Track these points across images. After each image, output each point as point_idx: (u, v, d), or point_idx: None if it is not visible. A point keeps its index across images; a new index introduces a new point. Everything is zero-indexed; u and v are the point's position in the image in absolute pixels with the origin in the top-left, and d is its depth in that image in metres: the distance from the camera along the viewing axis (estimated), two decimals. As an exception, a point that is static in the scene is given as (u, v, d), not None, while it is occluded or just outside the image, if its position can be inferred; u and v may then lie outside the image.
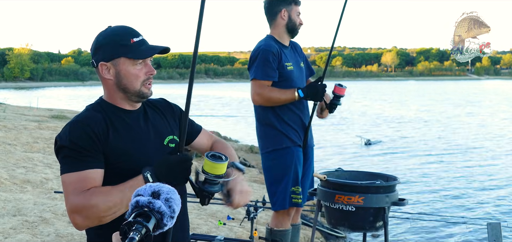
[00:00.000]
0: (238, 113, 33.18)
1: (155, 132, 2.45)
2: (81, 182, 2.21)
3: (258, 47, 4.59)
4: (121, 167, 2.29)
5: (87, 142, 2.24)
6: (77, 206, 2.17)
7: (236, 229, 6.55)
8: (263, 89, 4.48)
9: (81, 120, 2.31)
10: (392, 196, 3.82)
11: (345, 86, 4.69)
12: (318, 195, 4.02)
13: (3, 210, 6.61)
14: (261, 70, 4.48)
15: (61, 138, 2.29)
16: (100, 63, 2.35)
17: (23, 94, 58.70)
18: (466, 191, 11.32)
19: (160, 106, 2.58)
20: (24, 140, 12.03)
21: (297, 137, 4.61)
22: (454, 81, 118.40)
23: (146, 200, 1.45)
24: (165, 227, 1.47)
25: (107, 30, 2.40)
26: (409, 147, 18.13)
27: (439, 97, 52.00)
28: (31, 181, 8.31)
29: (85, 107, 2.44)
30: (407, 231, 8.27)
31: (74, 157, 2.24)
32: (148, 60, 2.39)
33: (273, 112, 4.56)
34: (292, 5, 4.60)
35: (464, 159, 15.53)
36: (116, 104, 2.41)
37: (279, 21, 4.62)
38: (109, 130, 2.31)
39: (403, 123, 26.43)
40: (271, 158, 4.60)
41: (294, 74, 4.61)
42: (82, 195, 2.18)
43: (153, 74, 2.40)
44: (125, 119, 2.39)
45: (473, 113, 32.55)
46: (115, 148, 2.30)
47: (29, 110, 23.59)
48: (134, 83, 2.36)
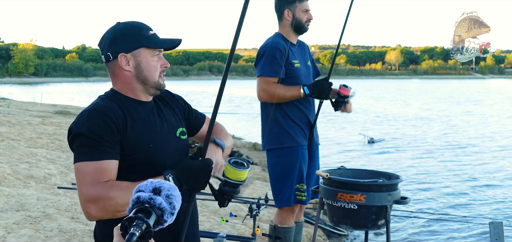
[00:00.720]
0: (241, 110, 33.18)
1: (168, 124, 2.47)
2: (98, 172, 2.19)
3: (265, 44, 4.61)
4: (136, 158, 2.29)
5: (106, 131, 2.22)
6: (94, 196, 2.16)
7: (239, 226, 6.56)
8: (269, 86, 4.50)
9: (99, 109, 2.28)
10: (394, 194, 3.83)
11: (350, 87, 4.71)
12: (320, 193, 4.04)
13: (6, 205, 6.63)
14: (268, 67, 4.50)
15: (78, 125, 2.25)
16: (120, 55, 2.34)
17: (27, 89, 58.77)
18: (468, 190, 11.31)
19: (167, 98, 2.58)
20: (28, 135, 12.06)
21: (303, 135, 4.62)
22: (458, 80, 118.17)
23: (147, 196, 1.47)
24: (166, 223, 1.48)
25: (121, 24, 2.41)
26: (412, 145, 18.11)
27: (443, 95, 51.92)
28: (34, 176, 8.33)
29: (99, 97, 2.42)
30: (409, 230, 8.27)
31: (92, 146, 2.21)
32: (162, 53, 2.42)
33: (279, 109, 4.57)
34: (296, 3, 4.60)
35: (466, 158, 15.51)
36: (131, 96, 2.40)
37: (285, 21, 4.64)
38: (127, 120, 2.30)
39: (406, 121, 26.40)
40: (276, 155, 4.62)
41: (301, 72, 4.63)
42: (99, 186, 2.17)
43: (167, 66, 2.43)
44: (140, 111, 2.39)
45: (476, 111, 32.49)
46: (132, 139, 2.29)
47: (33, 106, 23.63)
48: (154, 74, 2.38)
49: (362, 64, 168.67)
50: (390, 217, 3.85)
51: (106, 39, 2.38)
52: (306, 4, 4.63)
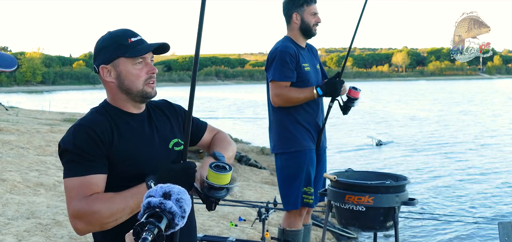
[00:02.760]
0: (248, 114, 33.20)
1: (160, 135, 2.44)
2: (83, 187, 2.19)
3: (275, 48, 4.61)
4: (126, 171, 2.28)
5: (90, 146, 2.22)
6: (79, 212, 2.16)
7: (248, 230, 6.58)
8: (282, 90, 4.50)
9: (84, 123, 2.28)
10: (402, 196, 3.84)
11: (359, 90, 4.71)
12: (328, 195, 4.05)
13: (17, 213, 6.68)
14: (279, 71, 4.50)
15: (64, 141, 2.27)
16: (101, 67, 2.36)
17: (35, 97, 59.00)
18: (477, 191, 11.29)
19: (164, 108, 2.56)
20: (37, 143, 12.11)
21: (311, 139, 4.62)
22: (465, 81, 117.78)
23: (158, 201, 1.49)
24: (177, 227, 1.50)
25: (104, 35, 2.41)
26: (420, 147, 18.09)
27: (450, 96, 51.75)
28: (44, 184, 8.38)
29: (90, 110, 2.43)
30: (417, 231, 8.27)
31: (78, 161, 2.22)
32: (149, 59, 2.37)
33: (287, 113, 4.57)
34: (304, 6, 4.60)
35: (475, 159, 15.47)
36: (120, 107, 2.39)
37: (293, 25, 4.65)
38: (113, 133, 2.29)
39: (414, 123, 26.35)
40: (284, 159, 4.63)
41: (311, 75, 4.63)
42: (84, 200, 2.16)
43: (154, 72, 2.37)
44: (130, 123, 2.37)
45: (483, 112, 32.37)
46: (120, 152, 2.28)
47: (42, 114, 23.72)
48: (136, 83, 2.34)
49: (369, 67, 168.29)
50: (398, 218, 3.86)
51: (94, 51, 2.41)
52: (314, 7, 4.64)
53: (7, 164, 9.28)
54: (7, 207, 6.88)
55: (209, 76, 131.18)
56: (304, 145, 4.57)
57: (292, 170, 4.57)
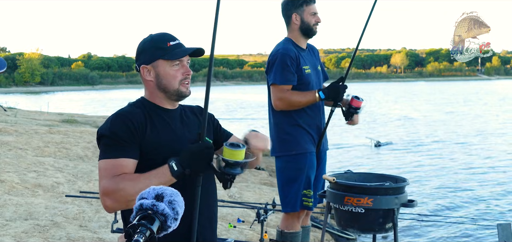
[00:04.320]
0: (247, 115, 33.20)
1: (189, 130, 2.67)
2: (114, 168, 2.43)
3: (276, 51, 4.57)
4: (155, 160, 2.47)
5: (125, 133, 2.47)
6: (107, 189, 2.38)
7: (246, 232, 6.57)
8: (284, 94, 4.47)
9: (122, 113, 2.55)
10: (402, 197, 3.83)
11: (362, 99, 4.69)
12: (327, 197, 4.04)
13: (14, 214, 6.66)
14: (280, 74, 4.47)
15: (103, 128, 2.53)
16: (141, 67, 2.62)
17: (34, 98, 58.99)
18: (476, 192, 11.28)
19: (197, 112, 2.81)
20: (35, 144, 12.09)
21: (311, 142, 4.60)
22: (464, 82, 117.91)
23: (150, 203, 1.49)
24: (169, 229, 1.50)
25: (148, 37, 2.66)
26: (419, 148, 18.10)
27: (449, 97, 51.80)
28: (42, 185, 8.36)
29: (128, 104, 2.66)
30: (416, 232, 8.26)
31: (111, 145, 2.47)
32: (185, 61, 2.64)
33: (288, 115, 4.55)
34: (303, 6, 4.57)
35: (474, 160, 15.48)
36: (156, 103, 2.64)
37: (293, 25, 4.62)
38: (147, 124, 2.53)
39: (413, 124, 26.37)
40: (284, 161, 4.61)
41: (312, 78, 4.60)
42: (113, 179, 2.39)
43: (189, 74, 2.64)
44: (164, 117, 2.62)
45: (482, 113, 32.40)
46: (151, 142, 2.51)
47: (40, 115, 23.69)
48: (172, 83, 2.60)
49: (368, 68, 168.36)
50: (397, 220, 3.85)
51: (136, 52, 2.67)
52: (314, 7, 4.61)
53: (5, 165, 9.26)
54: (5, 208, 6.86)
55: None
56: (304, 148, 4.55)
57: (292, 172, 4.56)
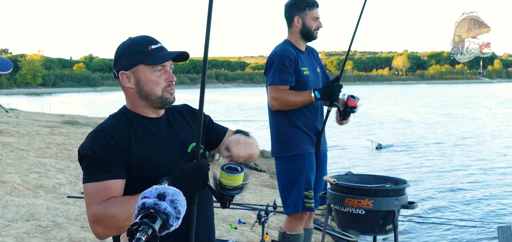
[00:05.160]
0: (248, 117, 33.20)
1: (179, 139, 2.47)
2: (101, 192, 2.23)
3: (274, 52, 4.59)
4: (144, 175, 2.30)
5: (108, 151, 2.27)
6: (98, 216, 2.20)
7: (247, 233, 6.59)
8: (280, 93, 4.49)
9: (102, 129, 2.33)
10: (402, 199, 3.84)
11: (358, 98, 4.67)
12: (328, 198, 4.05)
13: (16, 215, 6.68)
14: (278, 75, 4.49)
15: (83, 147, 2.32)
16: (120, 73, 2.38)
17: (35, 100, 59.03)
18: (476, 194, 11.29)
19: (184, 113, 2.60)
20: (37, 145, 12.12)
21: (310, 143, 4.61)
22: (465, 85, 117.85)
23: (152, 202, 1.50)
24: (171, 228, 1.51)
25: (127, 40, 2.43)
26: (420, 150, 18.10)
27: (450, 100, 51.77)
28: (44, 186, 8.38)
29: (108, 116, 2.47)
30: (417, 234, 8.27)
31: (95, 166, 2.26)
32: (168, 67, 2.40)
33: (286, 117, 4.56)
34: (306, 10, 4.59)
35: (474, 162, 15.47)
36: (139, 112, 2.42)
37: (294, 28, 4.63)
38: (131, 138, 2.33)
39: (414, 127, 26.35)
40: (284, 163, 4.62)
41: (310, 79, 4.61)
42: (102, 205, 2.20)
43: (173, 80, 2.41)
44: (148, 127, 2.40)
45: (483, 116, 32.38)
46: (137, 157, 2.31)
47: (42, 116, 23.72)
48: (155, 90, 2.38)
49: (369, 70, 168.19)
50: (397, 221, 3.86)
51: (114, 56, 2.44)
52: (316, 12, 4.62)
53: (7, 166, 9.28)
54: (7, 209, 6.88)
55: (209, 79, 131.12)
56: (303, 149, 4.56)
57: (292, 174, 4.57)
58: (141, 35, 2.43)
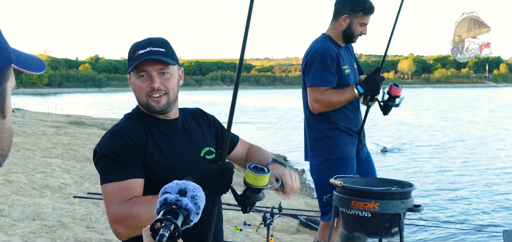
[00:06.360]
0: (254, 119, 33.20)
1: (192, 142, 2.46)
2: (123, 191, 2.21)
3: (315, 50, 4.27)
4: (158, 177, 2.27)
5: (127, 151, 2.25)
6: (120, 216, 2.18)
7: (252, 235, 6.59)
8: (322, 95, 4.20)
9: (121, 130, 2.32)
10: (408, 202, 3.83)
11: (401, 87, 4.45)
12: (334, 201, 4.05)
13: (22, 214, 6.70)
14: (320, 75, 4.19)
15: (101, 147, 2.29)
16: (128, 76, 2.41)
17: (41, 100, 59.21)
18: (482, 198, 11.26)
19: (197, 116, 2.59)
20: (43, 145, 12.16)
21: (351, 145, 4.40)
22: (471, 89, 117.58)
23: (174, 198, 1.52)
24: (192, 223, 1.53)
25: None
26: (426, 154, 18.07)
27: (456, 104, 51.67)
28: (50, 186, 8.41)
29: (123, 116, 2.46)
30: (422, 237, 8.26)
31: (114, 166, 2.24)
32: (154, 72, 2.31)
33: (326, 118, 4.31)
34: (359, 14, 4.27)
35: (479, 166, 15.43)
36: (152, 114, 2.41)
37: (338, 24, 4.32)
38: (148, 139, 2.32)
39: (419, 130, 26.32)
40: (326, 166, 4.36)
41: (350, 78, 4.36)
42: (124, 205, 2.18)
43: (153, 87, 2.31)
44: (163, 129, 2.39)
45: (488, 120, 32.31)
46: (153, 157, 2.30)
47: (48, 116, 23.80)
48: (140, 96, 2.35)
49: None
50: (403, 224, 3.85)
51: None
52: (367, 19, 4.32)
53: (13, 165, 9.31)
54: (13, 208, 6.90)
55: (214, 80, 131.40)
56: (346, 152, 4.36)
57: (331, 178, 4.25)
58: (142, 40, 2.40)
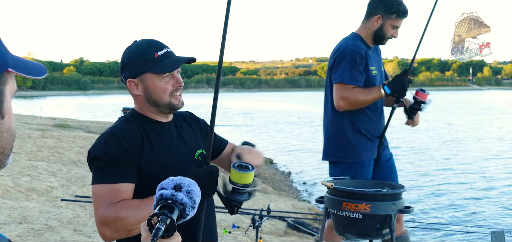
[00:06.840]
0: (239, 122, 33.19)
1: (187, 145, 2.47)
2: (112, 194, 2.22)
3: (345, 47, 4.23)
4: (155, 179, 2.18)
5: (121, 154, 2.25)
6: (107, 219, 2.18)
7: (241, 238, 6.58)
8: (349, 93, 4.16)
9: (116, 132, 2.31)
10: (399, 203, 3.84)
11: (428, 92, 4.42)
12: (326, 202, 4.05)
13: (9, 218, 6.64)
14: (348, 73, 4.14)
15: (95, 149, 2.29)
16: (128, 81, 2.36)
17: (25, 102, 58.79)
18: (470, 199, 11.35)
19: (189, 120, 2.61)
20: (29, 148, 12.07)
21: (369, 150, 4.35)
22: (455, 92, 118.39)
23: (169, 193, 1.57)
24: (188, 217, 1.58)
25: (132, 45, 2.40)
26: (415, 156, 18.19)
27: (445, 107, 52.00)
28: (36, 189, 8.34)
29: (119, 118, 2.46)
30: (412, 239, 8.27)
31: (107, 169, 2.24)
32: (176, 72, 2.38)
33: (348, 119, 4.27)
34: (392, 16, 4.24)
35: (468, 168, 15.56)
36: (149, 116, 2.42)
37: (370, 24, 4.29)
38: (144, 142, 2.32)
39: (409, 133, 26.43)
40: (342, 168, 4.32)
41: (377, 80, 4.33)
42: (112, 207, 2.19)
43: (180, 85, 2.40)
44: (159, 131, 2.40)
45: (478, 123, 32.55)
46: (149, 160, 2.31)
47: (33, 119, 23.65)
48: (163, 96, 2.36)
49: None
50: (394, 226, 3.86)
51: (120, 62, 2.42)
52: (400, 22, 4.30)
53: (-1, 168, 9.24)
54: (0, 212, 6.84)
55: (200, 83, 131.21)
56: (363, 156, 4.31)
57: None
58: (147, 39, 2.41)
